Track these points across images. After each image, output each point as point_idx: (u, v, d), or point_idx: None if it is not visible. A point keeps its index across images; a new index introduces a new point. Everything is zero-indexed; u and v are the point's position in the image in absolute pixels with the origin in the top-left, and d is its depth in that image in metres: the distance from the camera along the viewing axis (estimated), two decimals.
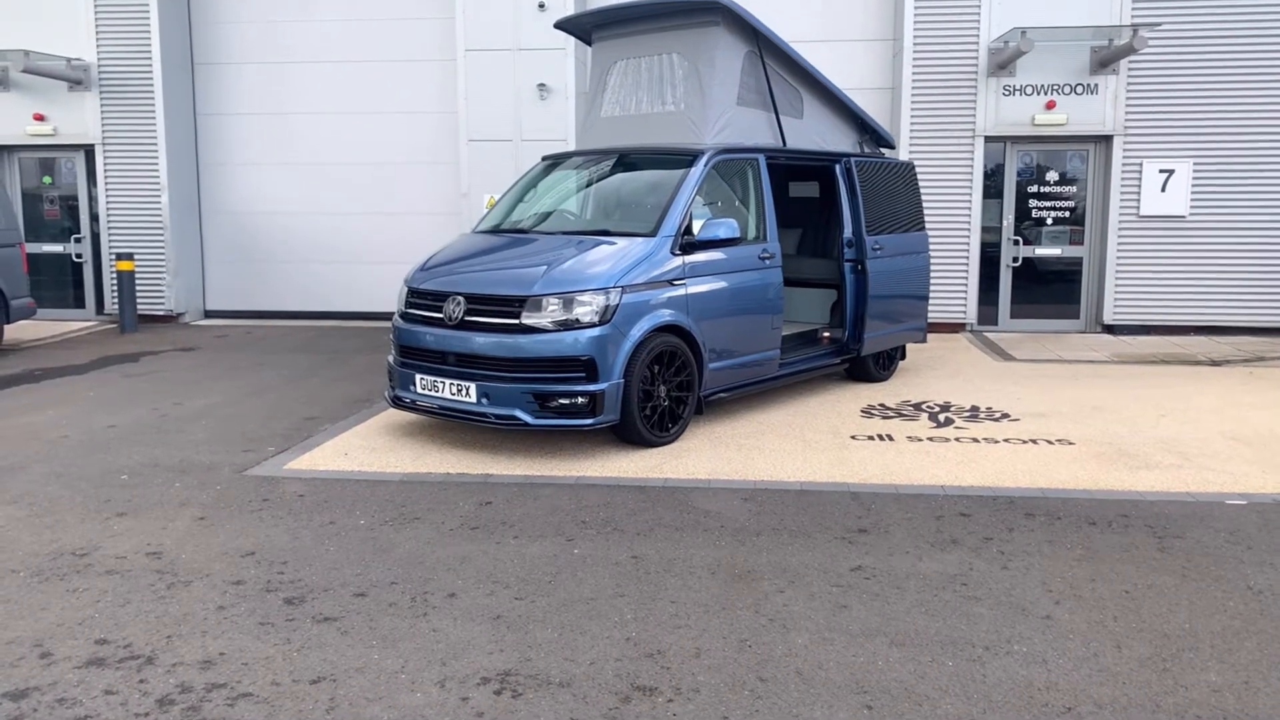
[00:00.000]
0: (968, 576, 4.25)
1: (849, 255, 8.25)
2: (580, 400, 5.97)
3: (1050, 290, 12.19)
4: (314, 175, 13.25)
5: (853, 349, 8.31)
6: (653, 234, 6.48)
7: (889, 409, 7.62)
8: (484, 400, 6.09)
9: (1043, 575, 4.27)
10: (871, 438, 6.69)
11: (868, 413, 7.50)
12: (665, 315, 6.34)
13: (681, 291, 6.49)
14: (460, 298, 6.26)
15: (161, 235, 12.83)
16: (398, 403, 6.61)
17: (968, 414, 7.46)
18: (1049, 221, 12.03)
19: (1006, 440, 6.64)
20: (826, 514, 5.09)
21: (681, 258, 6.53)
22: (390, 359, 6.79)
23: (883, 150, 9.26)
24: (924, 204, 9.35)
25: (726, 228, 6.59)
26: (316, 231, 13.36)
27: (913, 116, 11.76)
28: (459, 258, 6.83)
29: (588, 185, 7.67)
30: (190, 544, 4.70)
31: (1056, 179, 11.95)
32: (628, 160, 7.46)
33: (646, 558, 4.47)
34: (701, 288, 6.64)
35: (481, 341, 6.09)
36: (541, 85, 12.00)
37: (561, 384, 5.96)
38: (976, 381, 8.87)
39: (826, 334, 8.55)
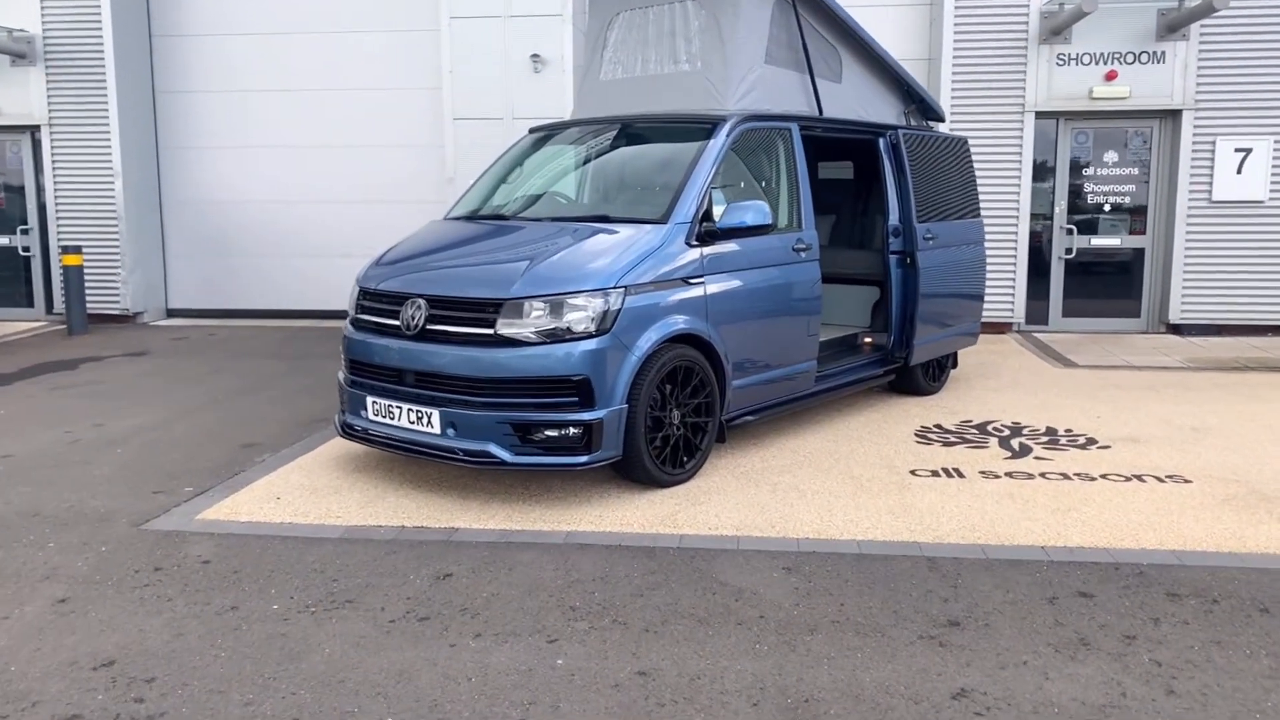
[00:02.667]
0: (1124, 709, 2.95)
1: (895, 246, 6.94)
2: (571, 432, 4.67)
3: (1107, 285, 10.85)
4: (286, 160, 11.94)
5: (899, 357, 7.00)
6: (663, 220, 5.18)
7: (948, 432, 6.31)
8: (450, 431, 4.80)
9: (1231, 708, 2.97)
10: (936, 473, 5.38)
11: (924, 437, 6.19)
12: (679, 322, 5.05)
13: (699, 291, 5.19)
14: (421, 301, 4.96)
15: (115, 226, 11.54)
16: (347, 431, 5.32)
17: (1044, 438, 6.15)
18: (1107, 208, 10.69)
19: (1104, 477, 5.33)
20: (900, 593, 3.79)
21: (699, 249, 5.23)
22: (340, 376, 5.50)
23: (931, 124, 7.93)
24: None
25: (755, 212, 5.28)
26: (290, 222, 12.06)
27: (954, 90, 10.41)
28: (423, 251, 5.53)
29: (584, 162, 6.36)
30: (32, 645, 3.42)
31: (1116, 160, 10.60)
32: (632, 131, 6.15)
33: (659, 673, 3.17)
34: (723, 286, 5.34)
35: (447, 356, 4.80)
36: (535, 56, 10.67)
37: (548, 411, 4.67)
38: (1040, 394, 7.56)
39: (868, 339, 7.25)
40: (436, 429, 4.83)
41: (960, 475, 5.35)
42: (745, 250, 5.52)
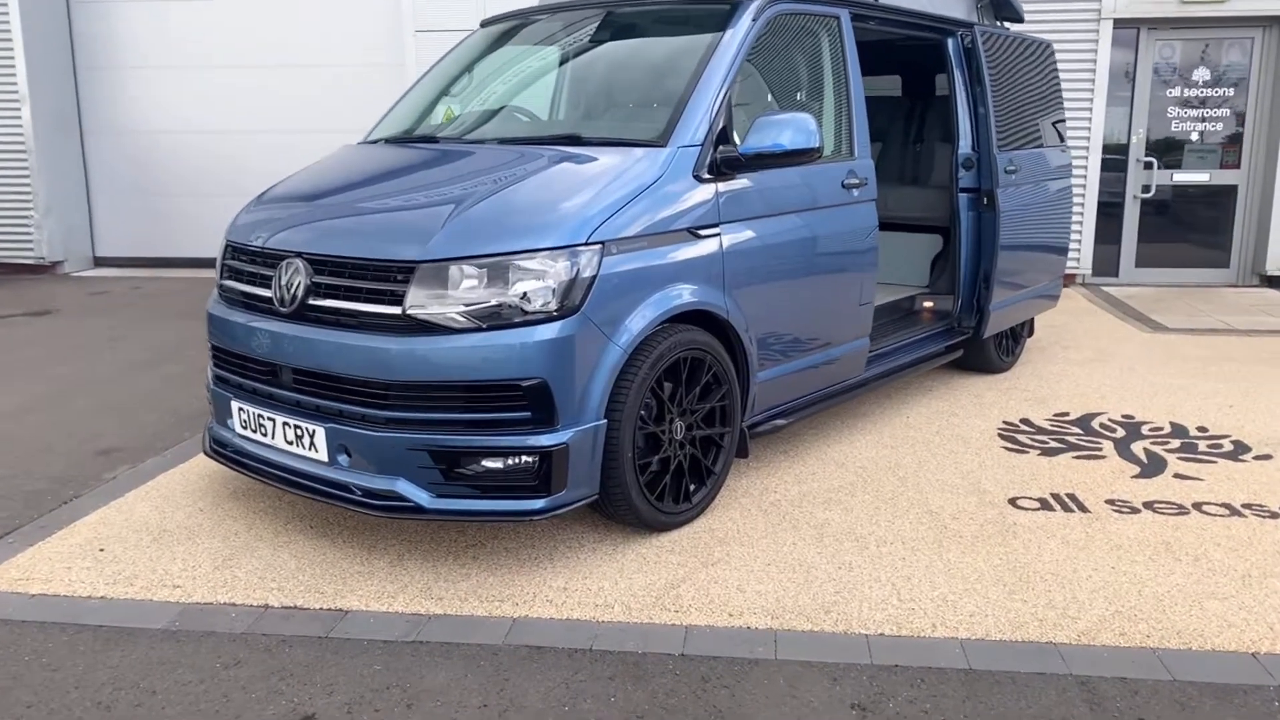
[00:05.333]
0: None
1: (966, 182, 5.30)
2: (522, 462, 3.10)
3: (1191, 229, 9.17)
4: (228, 83, 10.19)
5: (967, 327, 5.41)
6: (661, 143, 3.55)
7: (1043, 431, 4.73)
8: (341, 459, 3.22)
9: None
10: (1046, 503, 3.82)
11: (1011, 439, 4.61)
12: (684, 293, 3.44)
13: (713, 246, 3.58)
14: (299, 262, 3.35)
15: (24, 160, 9.86)
16: (215, 450, 3.74)
17: (1175, 442, 4.57)
18: (1194, 137, 8.96)
19: None
20: None
21: (713, 185, 3.61)
22: (209, 371, 3.91)
23: (1007, 25, 6.20)
24: None
25: (795, 130, 3.63)
26: (233, 156, 10.34)
27: None
28: (319, 188, 3.88)
29: (559, 64, 4.69)
30: None
31: (1208, 78, 8.85)
32: (620, 20, 4.45)
33: None
34: (747, 239, 3.73)
35: (334, 347, 3.20)
36: None
37: (486, 431, 3.09)
38: (1139, 370, 5.97)
39: (928, 304, 5.64)
40: (322, 454, 3.26)
41: (1081, 507, 3.78)
42: (778, 186, 3.89)
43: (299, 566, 3.29)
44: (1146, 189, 8.98)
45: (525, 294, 3.08)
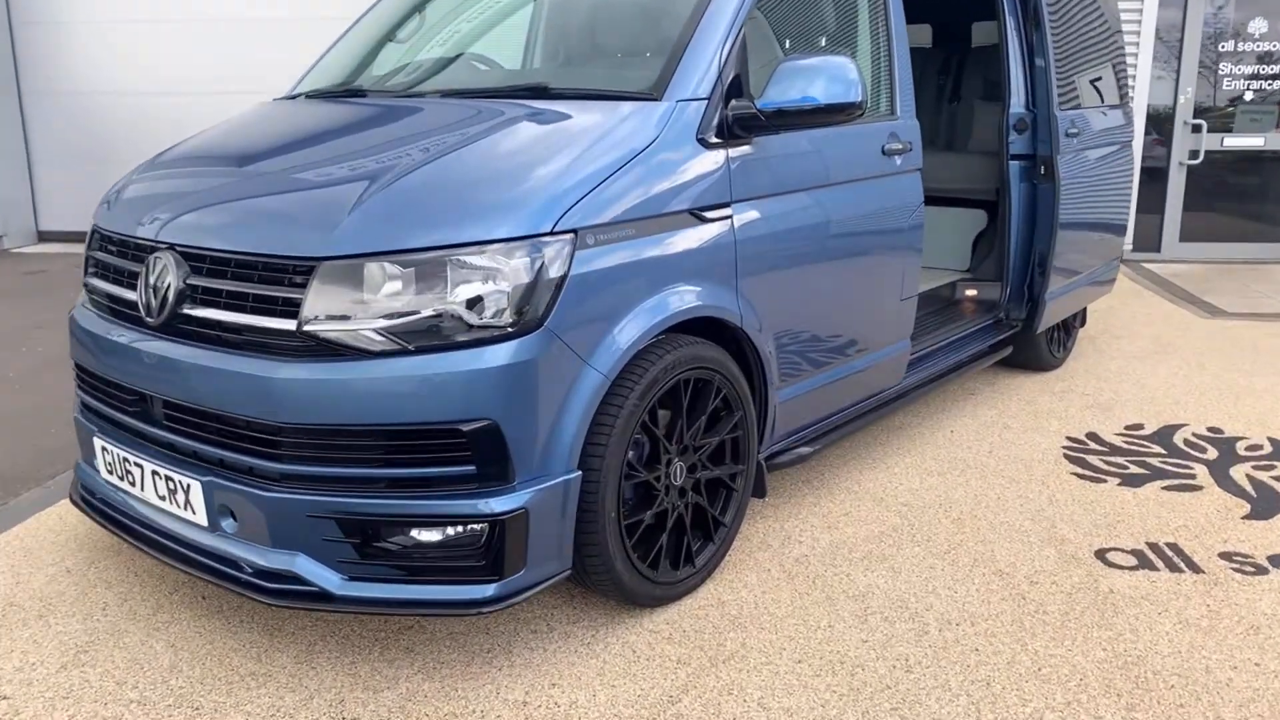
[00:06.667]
0: None
1: (1019, 148, 4.45)
2: (465, 533, 2.27)
3: (1239, 199, 8.32)
4: (183, 39, 9.24)
5: (1016, 319, 4.59)
6: (655, 94, 2.69)
7: (1116, 449, 3.92)
8: (226, 524, 2.40)
9: None
10: (1144, 559, 3.00)
11: (1080, 461, 3.79)
12: (685, 294, 2.60)
13: (723, 232, 2.73)
14: (170, 257, 2.50)
15: None
16: (85, 499, 2.89)
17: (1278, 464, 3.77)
18: (1247, 97, 8.08)
19: None
20: None
21: (722, 151, 2.75)
22: (76, 396, 3.06)
23: None
24: None
25: (830, 80, 2.76)
26: (190, 120, 9.26)
27: None
28: (210, 158, 3.00)
29: (528, 1, 3.82)
30: None
31: (1265, 31, 7.95)
32: None
33: None
34: (765, 218, 2.88)
35: (212, 373, 2.36)
36: None
37: (414, 493, 2.26)
38: (1209, 366, 5.16)
39: (971, 292, 4.81)
40: (200, 517, 2.43)
41: (1191, 565, 2.97)
42: (805, 152, 3.05)
43: (174, 663, 2.47)
44: (1194, 155, 8.11)
45: (470, 302, 2.24)
